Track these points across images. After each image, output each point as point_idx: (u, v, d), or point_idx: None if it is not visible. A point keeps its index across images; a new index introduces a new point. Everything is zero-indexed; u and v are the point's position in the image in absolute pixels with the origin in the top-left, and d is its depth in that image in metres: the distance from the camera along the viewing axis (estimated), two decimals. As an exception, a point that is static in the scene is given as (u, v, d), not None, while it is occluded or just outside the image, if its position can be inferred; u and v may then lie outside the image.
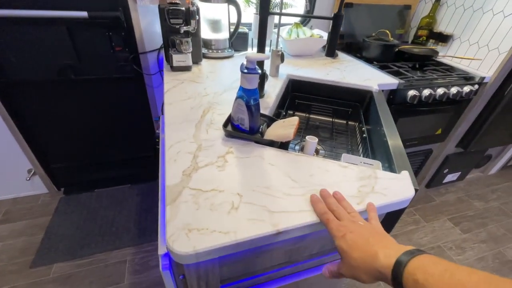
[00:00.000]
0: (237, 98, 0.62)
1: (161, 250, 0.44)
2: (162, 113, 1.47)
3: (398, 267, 0.31)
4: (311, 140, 0.70)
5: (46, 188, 1.57)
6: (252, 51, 1.33)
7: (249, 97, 0.60)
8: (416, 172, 1.70)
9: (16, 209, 1.49)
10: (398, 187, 0.54)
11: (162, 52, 1.28)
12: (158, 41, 1.27)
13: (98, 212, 1.51)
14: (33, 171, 1.47)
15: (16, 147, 1.37)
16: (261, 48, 0.76)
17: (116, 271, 1.24)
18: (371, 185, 0.54)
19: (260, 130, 0.67)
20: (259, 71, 0.58)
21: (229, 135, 0.65)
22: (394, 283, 0.32)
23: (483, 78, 1.26)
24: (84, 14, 1.07)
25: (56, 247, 1.31)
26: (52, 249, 1.30)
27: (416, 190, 0.55)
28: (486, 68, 1.28)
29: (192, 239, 0.40)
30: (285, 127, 0.64)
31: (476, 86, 1.26)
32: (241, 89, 0.60)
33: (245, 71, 0.57)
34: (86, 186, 1.63)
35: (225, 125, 0.66)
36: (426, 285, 0.28)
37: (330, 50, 0.74)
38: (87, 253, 1.30)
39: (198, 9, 0.98)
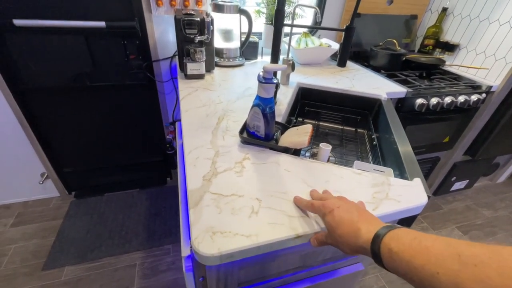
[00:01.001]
0: (253, 106, 0.64)
1: (184, 252, 0.46)
2: (174, 119, 1.51)
3: (376, 240, 0.34)
4: (325, 147, 0.72)
5: (58, 191, 1.60)
6: (262, 59, 1.36)
7: (266, 105, 0.62)
8: (424, 179, 1.70)
9: (28, 212, 1.52)
10: (411, 194, 0.56)
11: (175, 60, 1.32)
12: (171, 49, 1.31)
13: (108, 216, 1.53)
14: (46, 174, 1.50)
15: (31, 151, 1.40)
16: (275, 58, 0.79)
17: (126, 275, 1.25)
18: (385, 191, 0.55)
19: (274, 137, 0.69)
20: (275, 81, 0.61)
21: (245, 141, 0.67)
22: (372, 254, 0.35)
23: (491, 87, 1.28)
24: (102, 24, 1.12)
25: (67, 250, 1.33)
26: (63, 252, 1.32)
27: (428, 197, 0.56)
28: (493, 77, 1.30)
29: (216, 241, 0.42)
30: (300, 135, 0.66)
31: (484, 95, 1.28)
32: (258, 97, 0.63)
33: (263, 81, 0.59)
34: (96, 190, 1.66)
35: (241, 132, 0.68)
36: (398, 252, 0.31)
37: (342, 60, 0.76)
38: (97, 256, 1.31)
39: (212, 20, 1.02)
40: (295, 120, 1.03)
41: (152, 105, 1.46)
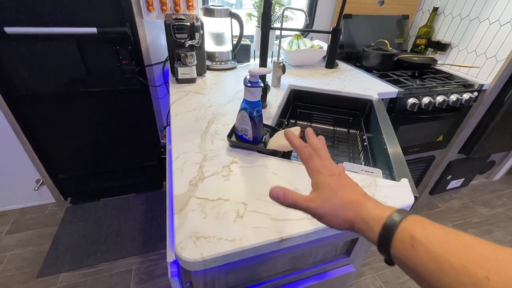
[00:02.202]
0: (240, 109, 0.64)
1: (170, 258, 0.46)
2: (167, 124, 1.51)
3: (394, 219, 0.28)
4: (313, 149, 0.72)
5: (54, 198, 1.60)
6: (254, 62, 1.37)
7: (252, 109, 0.63)
8: (419, 179, 1.70)
9: (24, 219, 1.52)
10: (398, 194, 0.56)
11: (167, 64, 1.32)
12: (163, 53, 1.32)
13: (104, 221, 1.52)
14: (41, 181, 1.50)
15: (25, 158, 1.40)
16: (263, 61, 0.79)
17: (122, 280, 1.25)
18: (371, 192, 0.55)
19: (263, 140, 0.70)
20: (262, 85, 0.61)
21: (233, 145, 0.68)
22: (382, 233, 0.28)
23: (482, 85, 1.28)
24: (93, 30, 1.12)
25: (63, 256, 1.32)
26: (59, 258, 1.31)
27: (416, 198, 0.56)
28: (485, 76, 1.30)
29: (199, 246, 0.42)
30: (287, 137, 0.66)
31: (476, 93, 1.28)
32: (245, 101, 0.63)
33: (248, 84, 0.59)
34: (92, 196, 1.66)
35: (229, 136, 0.68)
36: (425, 243, 0.25)
37: (330, 62, 0.77)
38: (93, 262, 1.31)
39: (202, 24, 1.02)
40: (286, 123, 1.03)
41: (146, 110, 1.46)
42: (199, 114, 0.83)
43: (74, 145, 1.48)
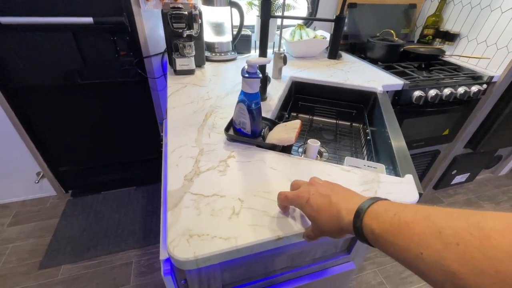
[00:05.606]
0: (238, 102, 0.62)
1: (163, 256, 0.44)
2: (166, 117, 1.49)
3: (357, 222, 0.32)
4: (313, 144, 0.69)
5: (54, 190, 1.60)
6: (255, 53, 1.33)
7: (251, 101, 0.60)
8: (423, 173, 1.67)
9: (25, 211, 1.52)
10: (402, 191, 0.53)
11: (166, 55, 1.29)
12: (162, 44, 1.28)
13: (104, 214, 1.53)
14: (41, 174, 1.50)
15: (25, 150, 1.40)
16: (263, 51, 0.76)
17: (122, 273, 1.25)
18: (374, 189, 0.53)
19: (262, 133, 0.67)
20: (260, 75, 0.58)
21: (231, 139, 0.65)
22: (358, 237, 0.32)
23: (492, 77, 1.23)
24: (89, 20, 1.09)
25: (64, 249, 1.33)
26: (60, 250, 1.32)
27: (420, 194, 0.54)
28: (495, 67, 1.25)
29: (192, 245, 0.40)
30: (287, 131, 0.64)
31: (485, 86, 1.24)
32: (243, 93, 0.60)
33: (246, 75, 0.57)
34: (92, 189, 1.66)
35: (227, 129, 0.66)
36: (380, 233, 0.29)
37: (333, 52, 0.73)
38: (93, 255, 1.31)
39: (200, 13, 0.99)
40: (287, 115, 1.00)
41: (145, 102, 1.44)
42: (197, 106, 0.80)
43: (74, 138, 1.47)
